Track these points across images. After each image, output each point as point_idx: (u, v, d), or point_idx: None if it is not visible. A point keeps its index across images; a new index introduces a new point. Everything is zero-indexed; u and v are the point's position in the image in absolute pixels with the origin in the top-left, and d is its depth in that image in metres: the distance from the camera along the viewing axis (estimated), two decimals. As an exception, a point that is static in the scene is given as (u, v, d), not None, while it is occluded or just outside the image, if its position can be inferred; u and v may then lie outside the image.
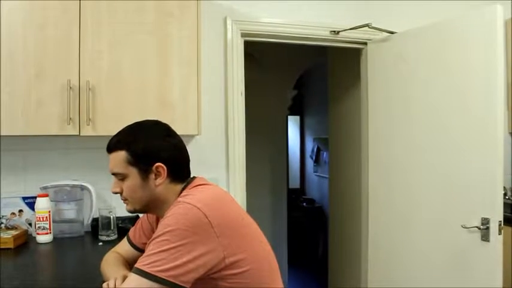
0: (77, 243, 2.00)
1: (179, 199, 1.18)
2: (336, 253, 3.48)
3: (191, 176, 1.33)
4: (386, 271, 2.56)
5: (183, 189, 1.26)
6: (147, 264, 1.06)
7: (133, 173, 1.23)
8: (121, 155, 1.23)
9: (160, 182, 1.23)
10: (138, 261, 1.10)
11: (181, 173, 1.29)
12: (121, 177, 1.25)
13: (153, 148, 1.24)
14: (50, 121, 1.83)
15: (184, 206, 1.12)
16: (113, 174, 1.27)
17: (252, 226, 1.25)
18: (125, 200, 1.29)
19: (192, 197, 1.16)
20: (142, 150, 1.23)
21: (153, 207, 1.28)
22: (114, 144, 1.25)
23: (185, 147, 1.32)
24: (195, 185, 1.26)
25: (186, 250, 1.06)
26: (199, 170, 2.30)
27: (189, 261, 1.06)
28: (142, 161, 1.22)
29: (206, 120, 2.20)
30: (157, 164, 1.22)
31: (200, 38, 2.03)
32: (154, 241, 1.10)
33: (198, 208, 1.10)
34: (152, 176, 1.23)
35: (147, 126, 1.30)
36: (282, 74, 4.18)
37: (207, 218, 1.09)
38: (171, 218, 1.11)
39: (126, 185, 1.25)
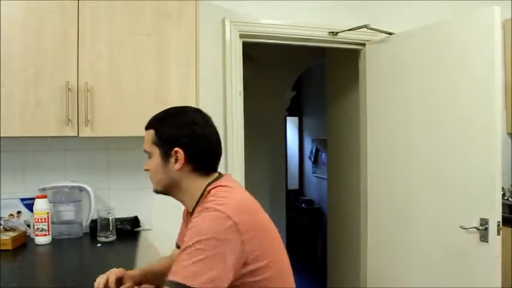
0: (75, 244, 1.99)
1: (207, 204, 1.15)
2: (335, 254, 3.48)
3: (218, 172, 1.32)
4: (385, 272, 2.57)
5: (208, 185, 1.25)
6: (186, 277, 1.03)
7: (156, 153, 1.25)
8: (150, 134, 1.27)
9: (178, 167, 1.23)
10: (173, 272, 1.06)
11: (205, 164, 1.28)
12: (148, 155, 1.28)
13: (176, 133, 1.24)
14: (48, 122, 1.83)
15: (215, 213, 1.10)
16: (145, 151, 1.30)
17: (275, 232, 1.27)
18: (151, 178, 1.31)
19: (221, 202, 1.15)
20: (167, 133, 1.25)
21: (174, 192, 1.29)
22: (150, 122, 1.29)
23: (217, 140, 1.31)
24: (221, 184, 1.25)
25: (220, 259, 1.05)
26: (198, 171, 2.31)
27: (223, 270, 1.05)
28: (164, 143, 1.24)
29: (205, 121, 2.20)
30: (176, 148, 1.23)
31: (198, 39, 2.03)
32: (188, 250, 1.07)
33: (229, 216, 1.09)
34: (172, 160, 1.24)
35: (181, 111, 1.31)
36: (281, 75, 4.19)
37: (237, 225, 1.09)
38: (202, 225, 1.09)
39: (150, 163, 1.27)
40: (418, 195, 2.33)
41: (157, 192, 1.31)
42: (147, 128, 1.29)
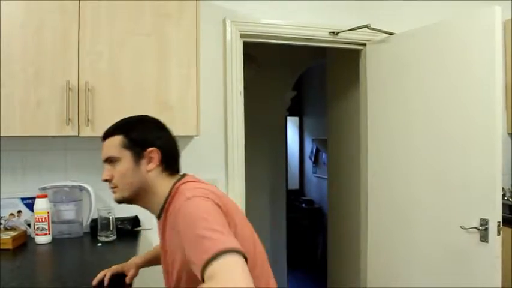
0: (76, 244, 2.00)
1: (187, 193, 1.15)
2: (335, 254, 3.48)
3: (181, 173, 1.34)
4: (385, 272, 2.57)
5: (175, 183, 1.26)
6: (217, 246, 0.96)
7: (126, 156, 1.25)
8: (117, 139, 1.26)
9: (152, 167, 1.25)
10: (199, 255, 0.98)
11: (173, 165, 1.31)
12: (114, 160, 1.26)
13: (149, 135, 1.28)
14: (48, 122, 1.83)
15: (196, 199, 1.12)
16: (105, 160, 1.28)
17: (247, 223, 1.28)
18: (114, 187, 1.28)
19: (195, 191, 1.16)
20: (138, 135, 1.27)
21: (142, 196, 1.27)
22: (111, 130, 1.29)
23: (177, 144, 1.35)
24: (187, 180, 1.27)
25: (226, 226, 1.06)
26: (198, 171, 2.29)
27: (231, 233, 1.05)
28: (137, 145, 1.25)
29: (205, 121, 2.21)
30: (151, 148, 1.25)
31: (199, 39, 2.03)
32: (197, 234, 1.02)
33: (208, 197, 1.13)
34: (145, 161, 1.25)
35: (144, 118, 1.35)
36: (281, 75, 4.19)
37: (217, 203, 1.13)
38: (193, 210, 1.08)
39: (118, 169, 1.25)
40: (418, 195, 2.33)
41: (122, 200, 1.29)
42: (109, 135, 1.28)
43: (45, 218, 1.93)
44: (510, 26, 2.74)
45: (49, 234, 1.95)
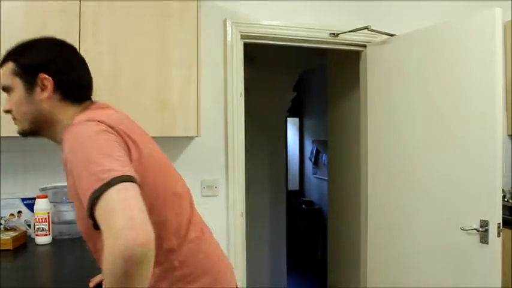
0: (76, 244, 1.99)
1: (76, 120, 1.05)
2: (335, 255, 3.48)
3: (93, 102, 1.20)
4: (385, 273, 2.57)
5: (81, 111, 1.13)
6: (97, 180, 0.85)
7: (18, 84, 1.12)
8: (8, 66, 1.13)
9: (44, 96, 1.11)
10: (84, 190, 0.90)
11: (76, 92, 1.15)
12: (8, 90, 1.15)
13: (42, 59, 1.13)
14: (49, 122, 1.83)
15: (85, 123, 1.01)
16: (2, 89, 1.17)
17: (159, 153, 1.16)
18: (14, 119, 1.19)
19: (90, 116, 1.04)
20: (30, 60, 1.12)
21: (42, 127, 1.15)
22: (4, 56, 1.15)
23: (88, 69, 1.21)
24: (94, 107, 1.15)
25: (111, 146, 0.95)
26: (198, 171, 2.31)
27: (122, 155, 0.95)
28: (27, 71, 1.11)
29: (206, 121, 2.21)
30: (43, 75, 1.10)
31: (200, 40, 2.03)
32: (76, 162, 0.97)
33: (101, 121, 1.00)
34: (38, 89, 1.11)
35: (44, 39, 1.19)
36: (281, 76, 4.19)
37: (113, 127, 1.01)
38: (75, 134, 0.99)
39: (12, 99, 1.14)
40: (418, 196, 2.33)
41: (24, 133, 1.18)
42: (2, 62, 1.15)
43: (45, 218, 1.93)
44: (510, 28, 2.74)
45: (49, 234, 1.95)
